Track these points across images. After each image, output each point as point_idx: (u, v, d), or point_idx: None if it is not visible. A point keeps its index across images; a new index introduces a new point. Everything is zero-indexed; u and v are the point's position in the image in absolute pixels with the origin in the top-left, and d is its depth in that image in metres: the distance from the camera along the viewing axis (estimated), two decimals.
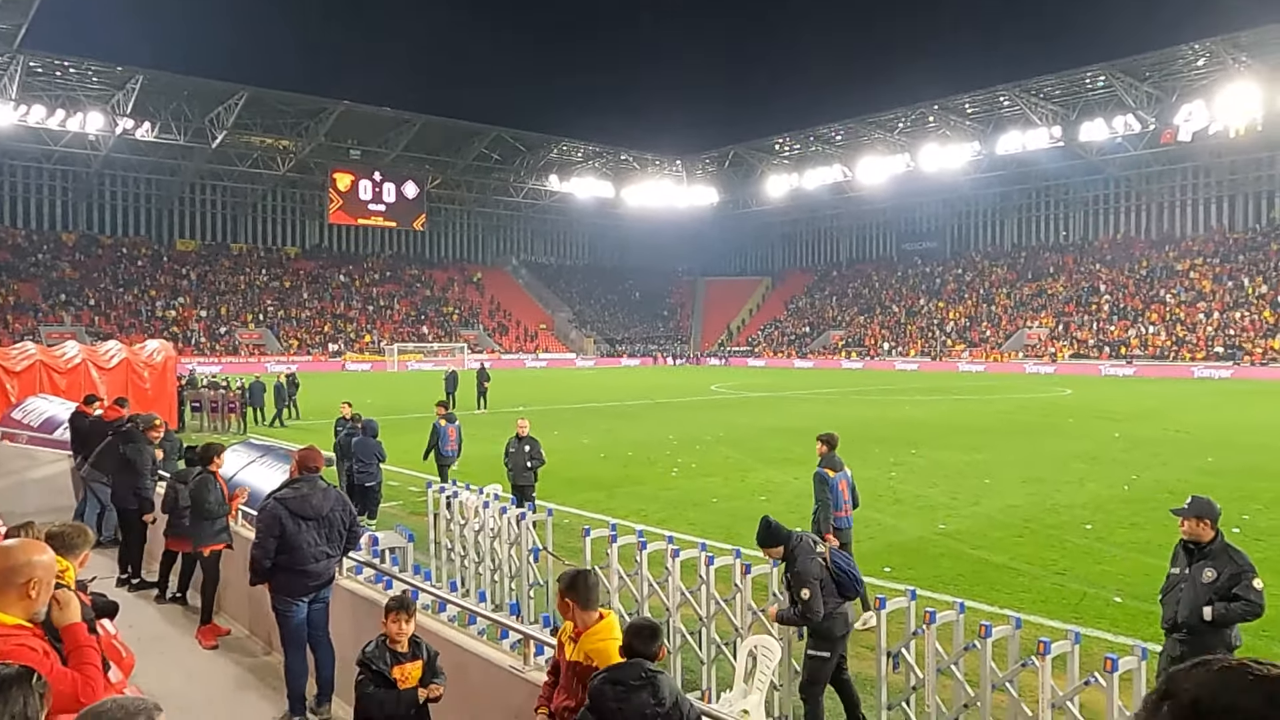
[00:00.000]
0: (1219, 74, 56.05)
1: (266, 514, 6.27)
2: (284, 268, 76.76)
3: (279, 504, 6.29)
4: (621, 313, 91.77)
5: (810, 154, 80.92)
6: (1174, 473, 16.69)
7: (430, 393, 35.94)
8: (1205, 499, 5.74)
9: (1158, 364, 55.79)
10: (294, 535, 6.20)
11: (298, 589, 6.26)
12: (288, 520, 6.20)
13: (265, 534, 6.21)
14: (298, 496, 6.33)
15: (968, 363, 64.22)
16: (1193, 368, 54.29)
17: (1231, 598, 5.39)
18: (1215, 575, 5.45)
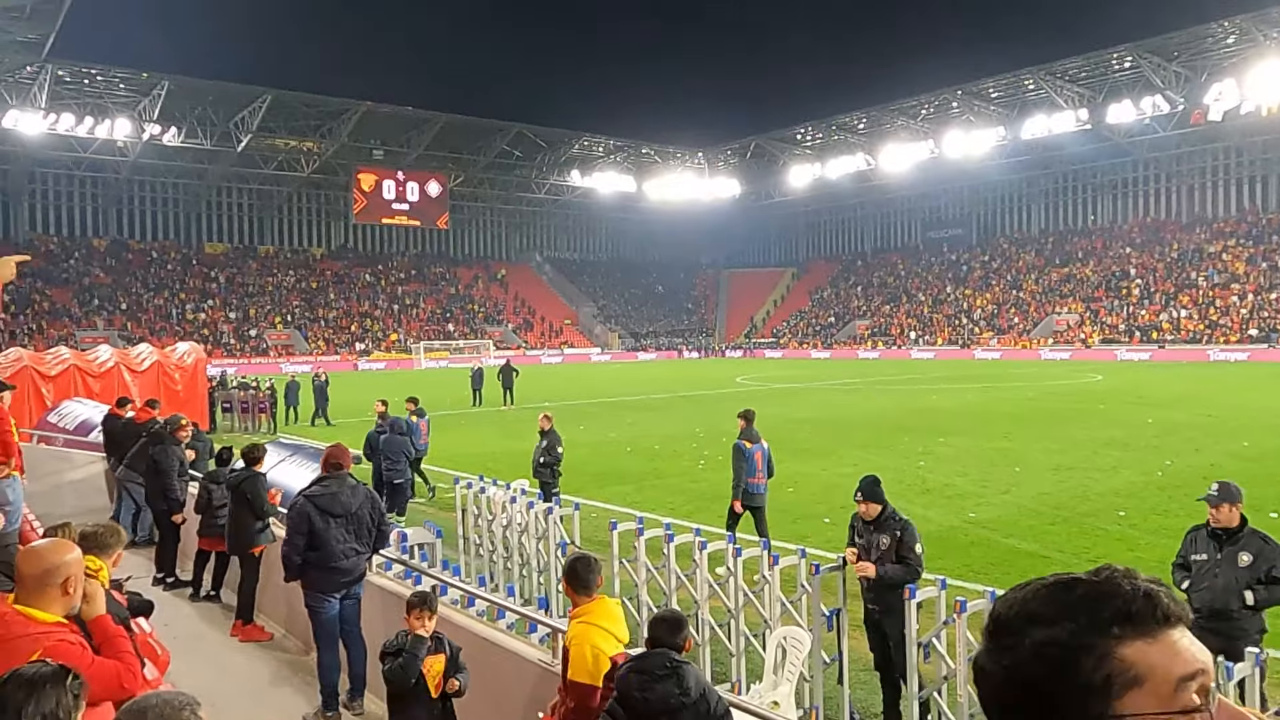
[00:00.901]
0: (1249, 52, 55.00)
1: (295, 512, 6.34)
2: (310, 268, 77.47)
3: (308, 501, 6.35)
4: (645, 306, 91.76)
5: (832, 143, 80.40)
6: (1208, 458, 16.44)
7: (456, 390, 36.20)
8: (1232, 484, 5.72)
9: (1178, 349, 54.94)
10: (323, 532, 6.26)
11: (329, 585, 6.33)
12: (316, 517, 6.27)
13: (294, 531, 6.28)
14: (327, 494, 6.40)
15: (985, 350, 63.53)
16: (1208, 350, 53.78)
17: (1272, 581, 5.33)
18: (1252, 559, 5.40)
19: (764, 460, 10.30)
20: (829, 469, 16.37)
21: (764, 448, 10.36)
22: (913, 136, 73.84)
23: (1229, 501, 5.58)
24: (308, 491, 6.45)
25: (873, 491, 6.39)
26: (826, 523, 12.08)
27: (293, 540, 6.26)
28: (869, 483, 6.42)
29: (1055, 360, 56.81)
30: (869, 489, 6.40)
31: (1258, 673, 4.36)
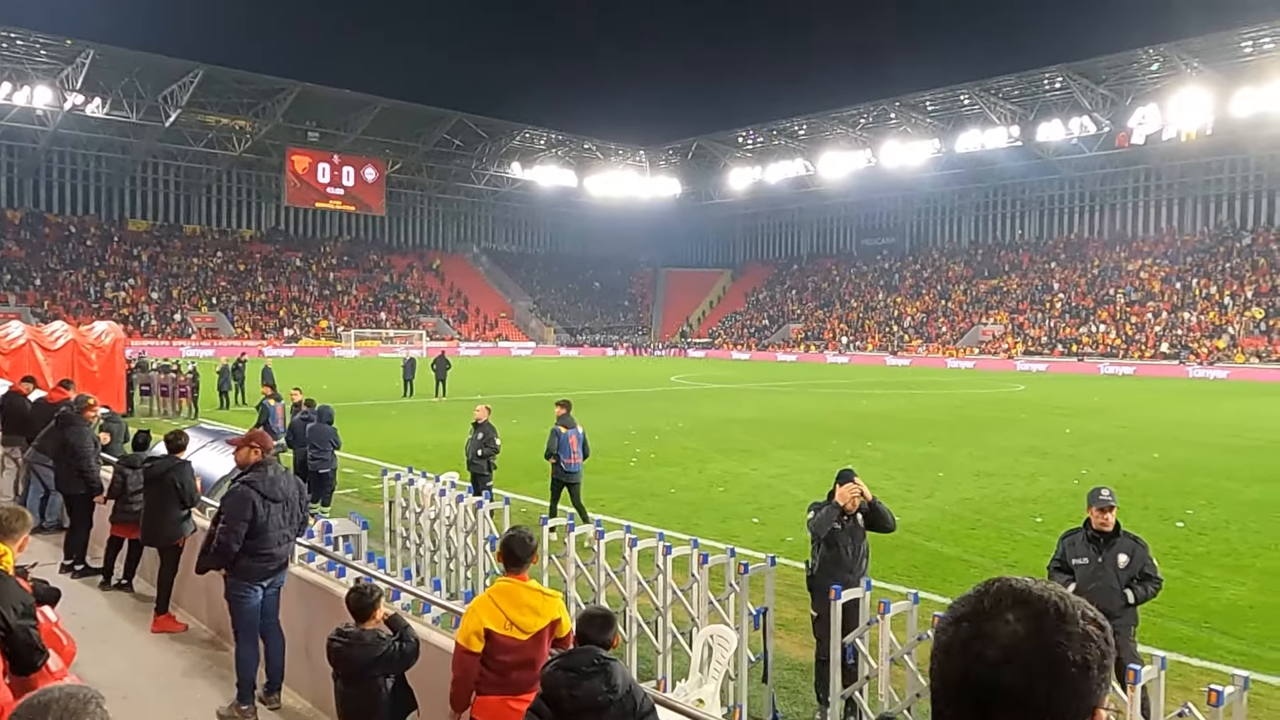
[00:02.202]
0: (1172, 79, 57.31)
1: (237, 497, 6.15)
2: (239, 250, 75.42)
3: (249, 487, 6.18)
4: (582, 302, 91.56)
5: (773, 147, 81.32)
6: (1121, 468, 17.05)
7: (387, 379, 35.63)
8: (1112, 489, 6.06)
9: (1095, 362, 57.06)
10: (263, 519, 6.14)
11: (257, 573, 6.17)
12: (259, 503, 6.13)
13: (237, 517, 6.07)
14: (267, 479, 6.27)
15: (895, 357, 65.13)
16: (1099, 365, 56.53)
17: (1144, 578, 5.67)
18: (1129, 559, 5.73)
19: (579, 443, 11.73)
20: (759, 469, 16.55)
21: (579, 432, 11.82)
22: (851, 145, 75.10)
23: (1113, 506, 5.90)
24: (247, 477, 6.28)
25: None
26: (755, 522, 12.21)
27: (234, 527, 6.05)
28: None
29: (961, 369, 58.84)
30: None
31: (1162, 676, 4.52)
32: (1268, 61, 53.82)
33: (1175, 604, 8.47)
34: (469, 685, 4.41)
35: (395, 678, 4.85)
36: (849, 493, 6.62)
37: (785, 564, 9.89)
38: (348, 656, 4.75)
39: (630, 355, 78.28)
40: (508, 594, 4.45)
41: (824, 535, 6.58)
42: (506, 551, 4.57)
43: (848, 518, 6.65)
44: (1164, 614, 8.12)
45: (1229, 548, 11.07)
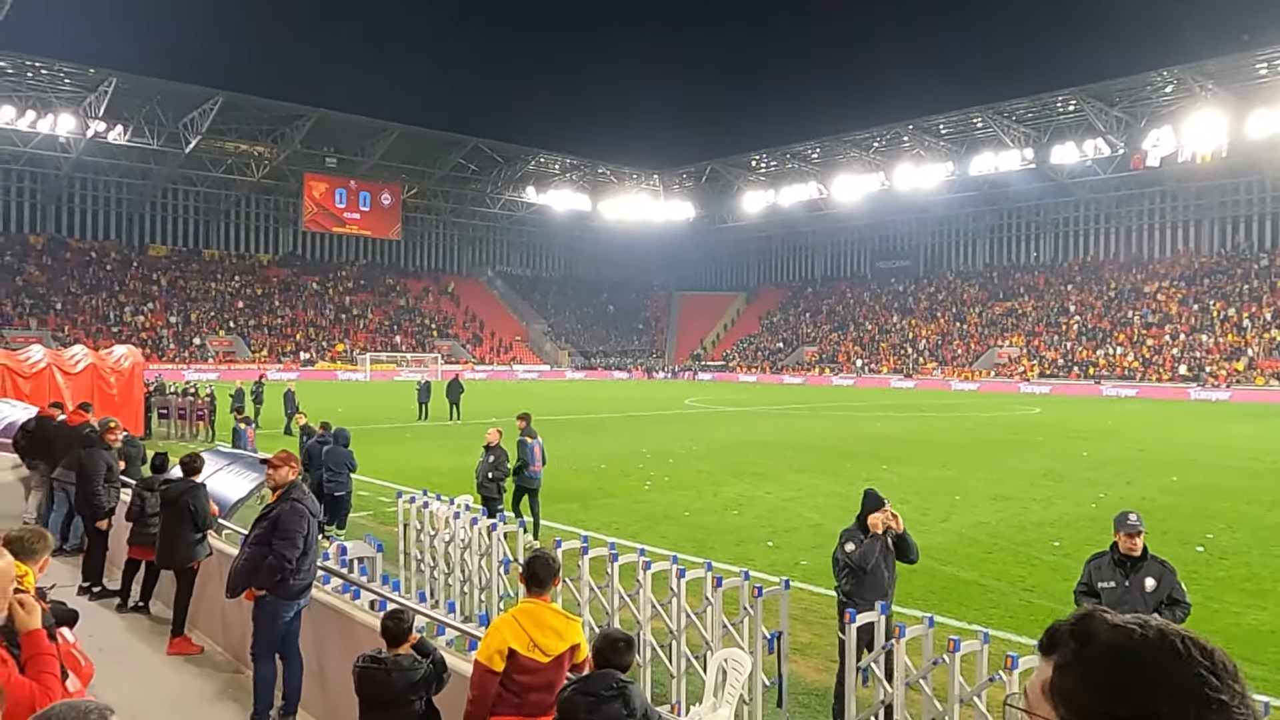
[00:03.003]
0: (1186, 101, 57.24)
1: (294, 513, 6.26)
2: (256, 275, 76.08)
3: (302, 504, 6.31)
4: (597, 325, 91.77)
5: (786, 171, 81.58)
6: (1139, 491, 16.89)
7: (402, 402, 35.75)
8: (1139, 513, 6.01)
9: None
10: (313, 536, 6.32)
11: (298, 591, 6.25)
12: (311, 521, 6.30)
13: (297, 533, 6.18)
14: (309, 498, 6.43)
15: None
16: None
17: (1173, 602, 5.59)
18: (1156, 583, 5.66)
19: (540, 452, 12.89)
20: (774, 492, 16.49)
21: (540, 443, 13.00)
22: (864, 168, 75.25)
23: (1141, 531, 5.85)
24: (297, 495, 6.38)
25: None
26: (770, 546, 12.16)
27: (295, 543, 6.15)
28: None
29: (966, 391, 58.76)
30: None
31: None
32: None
33: (1197, 629, 8.25)
34: (486, 705, 4.39)
35: (426, 699, 4.89)
36: (884, 518, 6.64)
37: (800, 587, 9.87)
38: (385, 683, 4.77)
39: (638, 379, 78.25)
40: (532, 615, 4.44)
41: (870, 566, 6.58)
42: (529, 573, 4.55)
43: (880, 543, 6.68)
44: None
45: (1250, 572, 10.94)
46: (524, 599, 4.60)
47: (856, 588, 6.61)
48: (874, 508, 6.71)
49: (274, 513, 6.27)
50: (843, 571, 6.73)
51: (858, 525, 6.80)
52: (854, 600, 6.51)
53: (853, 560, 6.58)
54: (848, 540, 6.70)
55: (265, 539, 6.20)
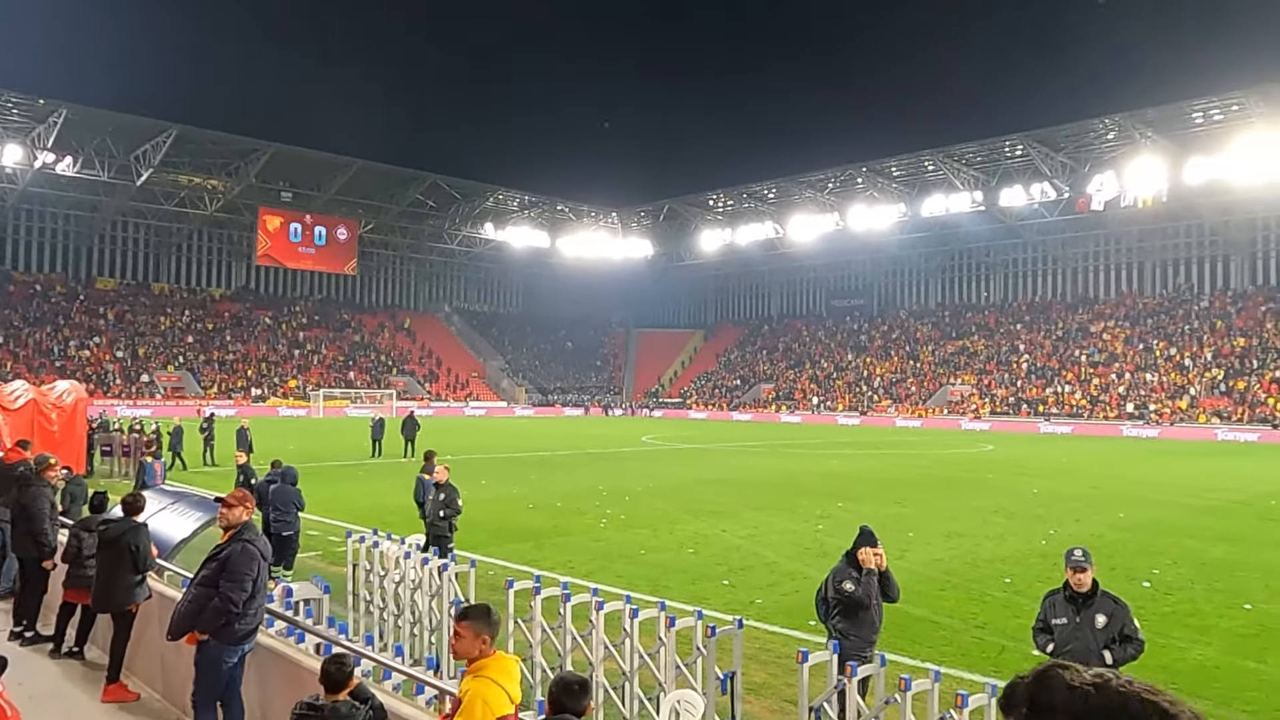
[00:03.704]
0: (1127, 147, 59.26)
1: (245, 556, 6.07)
2: (207, 309, 74.84)
3: (254, 546, 6.12)
4: (555, 362, 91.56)
5: (743, 210, 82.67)
6: (1088, 528, 17.16)
7: (357, 439, 35.23)
8: (1087, 550, 6.06)
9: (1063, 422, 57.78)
10: (262, 579, 6.12)
11: (243, 635, 6.05)
12: (261, 564, 6.09)
13: (247, 575, 5.98)
14: (262, 538, 6.24)
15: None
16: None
17: (1125, 639, 5.62)
18: (1107, 619, 5.69)
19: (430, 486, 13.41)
20: (730, 530, 16.47)
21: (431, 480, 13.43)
22: (819, 208, 76.51)
23: (1087, 566, 5.89)
24: (249, 536, 6.19)
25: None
26: (725, 585, 12.12)
27: (243, 586, 5.95)
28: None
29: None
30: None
31: None
32: (1218, 131, 55.85)
33: (1144, 665, 8.45)
34: None
35: None
36: (875, 556, 6.67)
37: (756, 626, 9.84)
38: None
39: (594, 415, 78.06)
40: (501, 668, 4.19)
41: (870, 603, 6.60)
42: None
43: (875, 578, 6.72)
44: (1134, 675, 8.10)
45: (1194, 608, 11.13)
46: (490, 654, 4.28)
47: (852, 625, 6.59)
48: (867, 544, 6.72)
49: (224, 553, 6.10)
50: (835, 610, 6.70)
51: (848, 562, 6.77)
52: (848, 637, 6.51)
53: (855, 598, 6.57)
54: (844, 579, 6.65)
55: (212, 580, 6.01)
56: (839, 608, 6.63)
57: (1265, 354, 57.87)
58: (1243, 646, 9.52)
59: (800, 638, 9.42)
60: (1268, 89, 51.69)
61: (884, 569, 6.78)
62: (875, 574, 6.68)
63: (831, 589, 6.71)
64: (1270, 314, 61.33)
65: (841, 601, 6.60)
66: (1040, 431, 56.65)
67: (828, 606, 6.80)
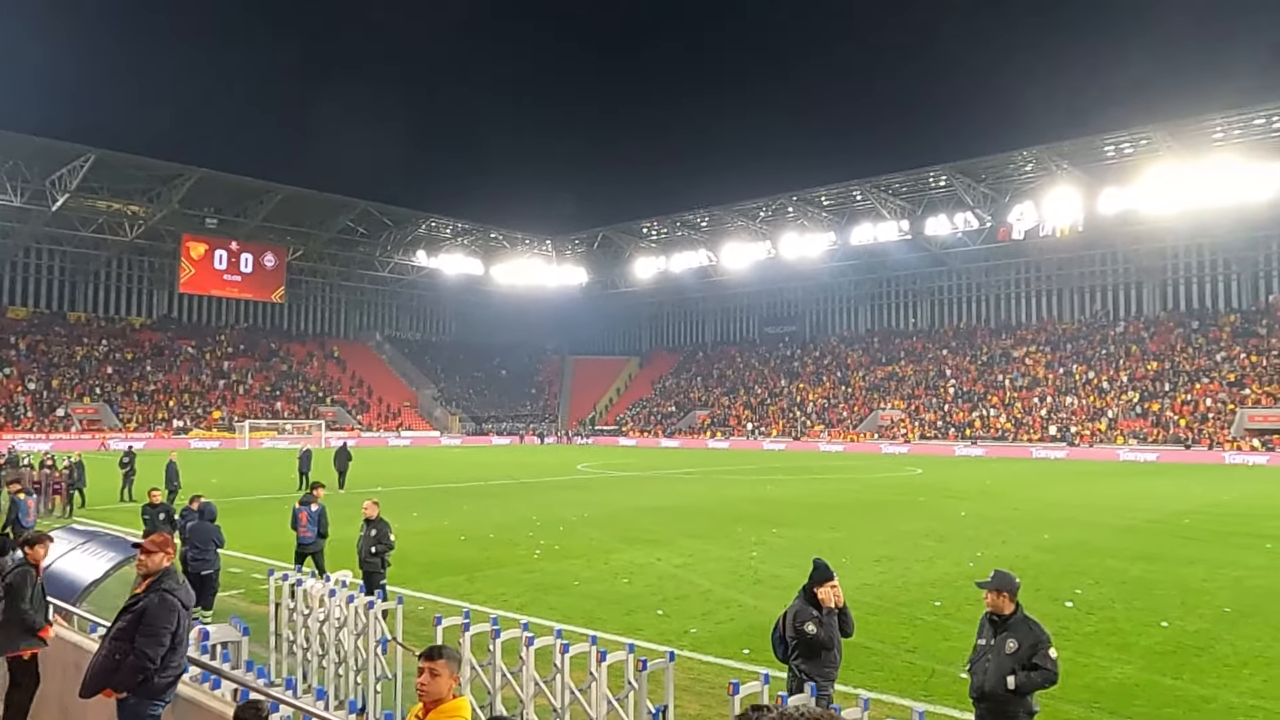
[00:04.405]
0: (1045, 179, 61.58)
1: (163, 608, 5.63)
2: (127, 339, 72.40)
3: (173, 595, 5.72)
4: (488, 390, 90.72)
5: (677, 238, 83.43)
6: (1015, 549, 17.53)
7: (282, 471, 34.32)
8: (1006, 573, 6.05)
9: (990, 445, 59.28)
10: (183, 631, 5.72)
11: (164, 689, 5.70)
12: (182, 614, 5.70)
13: (165, 628, 5.56)
14: (183, 587, 5.85)
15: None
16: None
17: (1032, 667, 5.66)
18: (1017, 645, 5.74)
19: (309, 519, 13.69)
20: (665, 559, 16.41)
21: (311, 511, 13.75)
22: (752, 236, 77.63)
23: (999, 589, 5.91)
24: (168, 585, 5.80)
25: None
26: (660, 614, 12.04)
27: (162, 639, 5.53)
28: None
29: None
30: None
31: None
32: (1128, 164, 58.40)
33: (1067, 685, 8.63)
34: None
35: None
36: (834, 594, 6.59)
37: (690, 657, 9.79)
38: None
39: (526, 443, 77.47)
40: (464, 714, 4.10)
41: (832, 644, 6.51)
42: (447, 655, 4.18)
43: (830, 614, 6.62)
44: (1058, 695, 8.24)
45: (1115, 626, 11.42)
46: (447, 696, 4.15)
47: (813, 666, 6.45)
48: (824, 579, 6.59)
49: (140, 605, 5.71)
50: (795, 649, 6.55)
51: (805, 599, 6.63)
52: (810, 678, 6.37)
53: (820, 641, 6.42)
54: (805, 620, 6.48)
55: (128, 634, 5.62)
56: (799, 648, 6.48)
57: (1177, 377, 60.28)
58: (1160, 664, 9.79)
59: (734, 667, 9.39)
60: (1174, 124, 54.29)
61: (842, 605, 6.68)
62: (835, 612, 6.58)
63: (791, 629, 6.54)
64: (1181, 338, 64.00)
65: (803, 642, 6.48)
66: (955, 454, 58.29)
67: (786, 647, 6.62)
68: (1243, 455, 50.49)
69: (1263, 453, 50.35)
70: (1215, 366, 59.75)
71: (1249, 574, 15.11)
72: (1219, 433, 53.58)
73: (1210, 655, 10.13)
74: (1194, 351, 62.05)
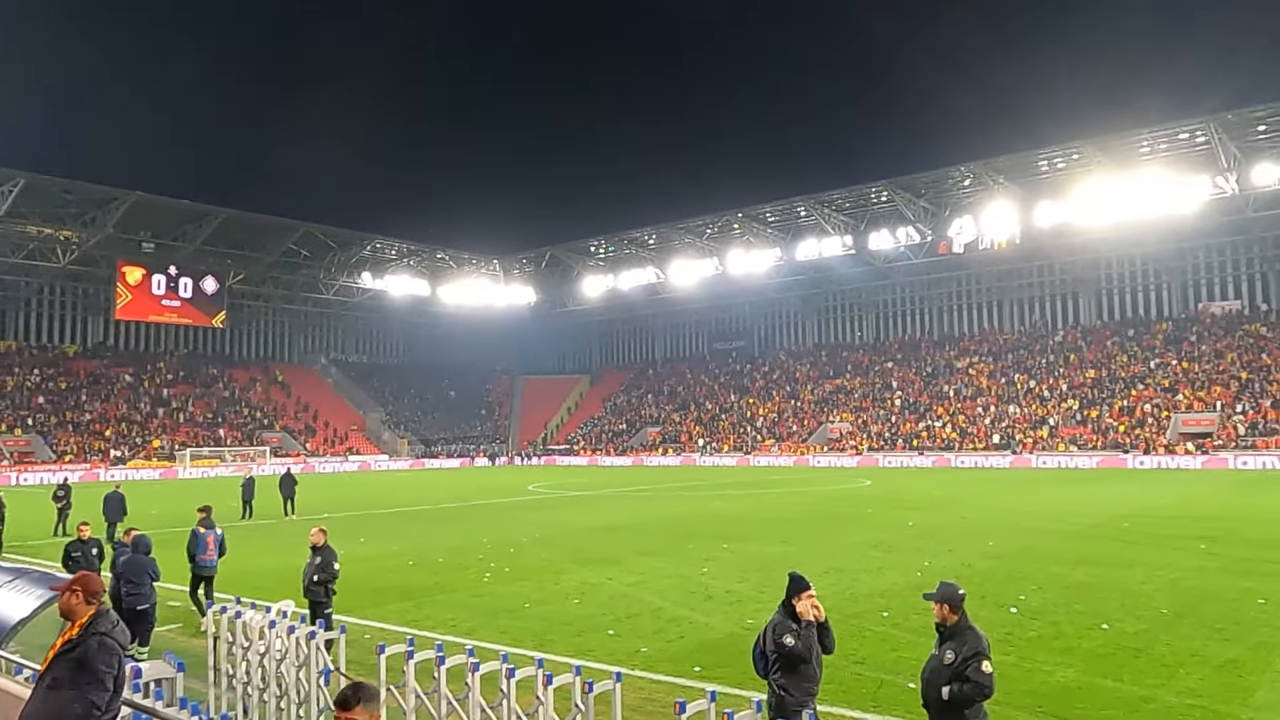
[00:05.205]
0: (982, 193, 63.11)
1: (104, 652, 5.32)
2: (60, 367, 70.28)
3: (111, 637, 5.44)
4: (438, 412, 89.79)
5: (625, 256, 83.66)
6: (960, 558, 17.79)
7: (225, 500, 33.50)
8: (949, 584, 6.10)
9: (935, 454, 60.26)
10: (121, 674, 5.43)
11: None
12: (120, 657, 5.42)
13: (108, 673, 5.27)
14: (118, 627, 5.57)
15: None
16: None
17: (964, 679, 5.69)
18: (954, 657, 5.78)
19: (215, 543, 13.72)
20: (617, 578, 16.33)
21: (217, 534, 13.83)
22: (699, 254, 78.20)
23: (940, 600, 5.96)
24: (103, 627, 5.52)
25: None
26: (611, 634, 11.96)
27: (106, 684, 5.27)
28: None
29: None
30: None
31: None
32: (1062, 178, 60.14)
33: (1012, 690, 8.77)
34: None
35: None
36: (813, 608, 6.54)
37: (640, 676, 9.73)
38: None
39: (468, 464, 76.77)
40: None
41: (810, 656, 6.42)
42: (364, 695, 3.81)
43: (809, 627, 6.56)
44: (1002, 701, 8.36)
45: (1058, 631, 11.62)
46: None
47: (792, 680, 6.40)
48: (800, 590, 6.56)
49: (78, 651, 5.44)
50: (775, 664, 6.50)
51: (785, 613, 6.60)
52: (789, 693, 6.33)
53: (795, 652, 6.36)
54: (784, 634, 6.42)
55: (67, 682, 5.36)
56: (779, 662, 6.44)
57: (1114, 384, 61.93)
58: (1101, 666, 9.97)
59: (685, 685, 9.35)
60: (1104, 139, 56.04)
61: (822, 620, 6.65)
62: (814, 626, 6.54)
63: (771, 642, 6.50)
64: (1116, 347, 65.82)
65: (782, 656, 6.46)
66: (904, 465, 59.25)
67: (766, 661, 6.58)
68: (1178, 459, 51.97)
69: (1196, 456, 51.88)
70: (1150, 373, 61.54)
71: (1184, 575, 15.51)
72: (1155, 438, 55.11)
73: (1149, 656, 10.35)
74: (1129, 359, 63.85)
